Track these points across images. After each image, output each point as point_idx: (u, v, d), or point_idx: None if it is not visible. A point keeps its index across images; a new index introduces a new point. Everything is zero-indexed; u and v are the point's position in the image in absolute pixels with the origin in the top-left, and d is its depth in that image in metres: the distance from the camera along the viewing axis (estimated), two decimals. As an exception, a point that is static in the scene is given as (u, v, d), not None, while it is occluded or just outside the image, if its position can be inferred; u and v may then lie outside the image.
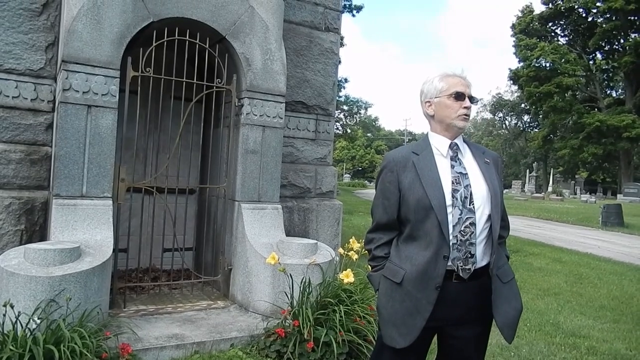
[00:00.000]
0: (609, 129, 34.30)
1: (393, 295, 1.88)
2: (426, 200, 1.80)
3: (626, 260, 8.77)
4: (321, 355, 3.14)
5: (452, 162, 1.89)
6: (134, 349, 2.92)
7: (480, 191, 1.86)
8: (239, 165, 4.25)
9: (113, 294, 3.63)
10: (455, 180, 1.84)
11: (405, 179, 1.87)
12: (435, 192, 1.81)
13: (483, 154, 1.99)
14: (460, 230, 1.80)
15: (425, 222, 1.81)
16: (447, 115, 1.90)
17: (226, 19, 4.12)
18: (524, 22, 41.24)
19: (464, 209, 1.81)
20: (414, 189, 1.84)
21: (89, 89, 3.58)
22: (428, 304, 1.79)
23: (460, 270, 1.81)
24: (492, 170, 1.94)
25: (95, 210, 3.56)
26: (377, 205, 1.98)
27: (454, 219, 1.80)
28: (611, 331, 4.46)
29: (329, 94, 5.61)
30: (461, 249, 1.80)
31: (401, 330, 1.83)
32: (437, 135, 1.95)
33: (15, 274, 2.78)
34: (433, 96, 1.94)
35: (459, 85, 1.90)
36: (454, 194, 1.82)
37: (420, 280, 1.80)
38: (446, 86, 1.90)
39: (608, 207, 16.17)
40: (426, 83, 1.97)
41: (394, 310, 1.86)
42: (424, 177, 1.84)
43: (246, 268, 3.99)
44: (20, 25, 4.02)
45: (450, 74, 1.94)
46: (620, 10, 33.78)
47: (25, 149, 4.03)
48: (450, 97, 1.89)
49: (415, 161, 1.88)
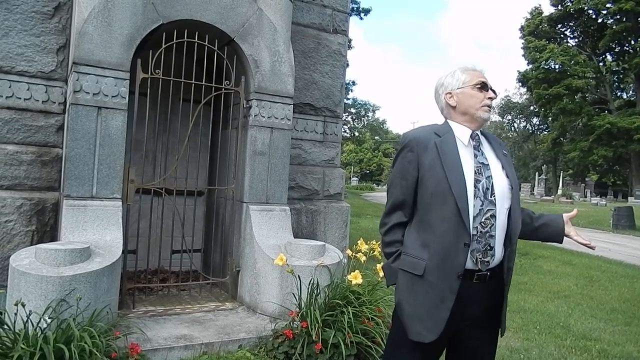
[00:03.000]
0: (620, 131, 33.93)
1: (415, 289, 1.82)
2: (446, 185, 1.76)
3: (638, 263, 8.67)
4: (329, 357, 3.13)
5: (475, 151, 1.86)
6: (142, 349, 2.93)
7: (501, 185, 1.83)
8: (247, 166, 4.27)
9: (122, 295, 3.65)
10: (477, 170, 1.80)
11: (426, 159, 1.82)
12: (456, 178, 1.76)
13: (500, 145, 1.96)
14: (481, 221, 1.76)
15: (443, 208, 1.76)
16: (471, 105, 1.88)
17: (235, 21, 4.15)
18: (533, 24, 40.99)
19: (485, 201, 1.77)
20: (435, 170, 1.79)
21: (99, 90, 3.61)
22: (451, 293, 1.74)
23: (480, 262, 1.77)
24: (510, 162, 1.92)
25: (105, 211, 3.59)
26: (395, 185, 1.92)
27: (475, 210, 1.76)
28: (623, 334, 4.41)
29: (337, 96, 5.62)
30: (481, 241, 1.77)
31: (427, 323, 1.78)
32: (458, 125, 1.92)
33: (27, 273, 2.81)
34: (455, 87, 1.92)
35: (482, 77, 1.92)
36: (476, 184, 1.78)
37: (442, 268, 1.76)
38: (469, 78, 1.91)
39: (619, 209, 16.02)
40: (446, 76, 1.97)
41: (417, 304, 1.80)
42: (445, 161, 1.79)
43: (254, 269, 3.99)
44: (33, 27, 4.07)
45: (471, 67, 1.95)
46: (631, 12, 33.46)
47: (37, 150, 4.08)
48: (474, 87, 1.89)
49: (438, 143, 1.83)
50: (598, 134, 35.30)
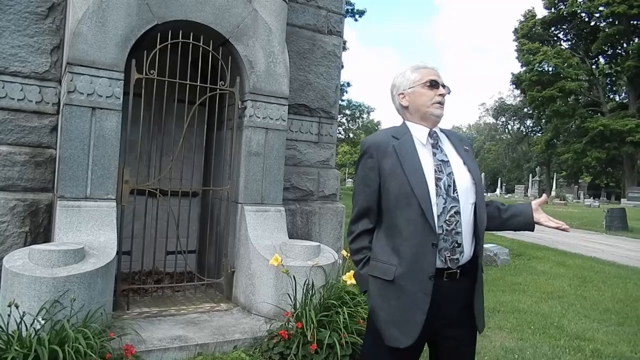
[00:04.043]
0: (613, 133, 34.21)
1: (387, 294, 1.81)
2: (408, 188, 1.76)
3: (630, 263, 8.73)
4: (324, 357, 3.13)
5: (434, 149, 1.86)
6: (137, 351, 2.92)
7: (464, 181, 1.82)
8: (242, 167, 4.26)
9: (116, 296, 3.64)
10: (437, 168, 1.80)
11: (386, 164, 1.82)
12: (417, 180, 1.76)
13: (461, 141, 1.96)
14: (446, 219, 1.76)
15: (407, 211, 1.76)
16: (422, 103, 1.88)
17: (230, 21, 4.15)
18: (527, 27, 41.26)
19: (448, 198, 1.77)
20: (395, 175, 1.79)
21: (93, 91, 3.60)
22: (425, 296, 1.74)
23: (449, 261, 1.76)
24: (471, 157, 1.92)
25: (99, 212, 3.58)
26: (359, 193, 1.92)
27: (438, 209, 1.75)
28: (616, 334, 4.44)
29: (332, 97, 5.63)
30: (447, 239, 1.76)
31: (403, 328, 1.77)
32: (414, 124, 1.91)
33: (20, 274, 2.79)
34: (406, 87, 1.92)
35: (432, 75, 1.90)
36: (438, 182, 1.77)
37: (413, 272, 1.75)
38: (419, 76, 1.90)
39: (612, 211, 16.12)
40: (398, 77, 1.96)
41: (391, 309, 1.80)
42: (405, 163, 1.79)
43: (249, 270, 3.99)
44: (26, 28, 4.05)
45: (422, 65, 1.94)
46: (623, 15, 33.77)
47: (30, 151, 4.05)
48: (424, 85, 1.88)
49: (396, 146, 1.83)
50: (591, 136, 35.58)
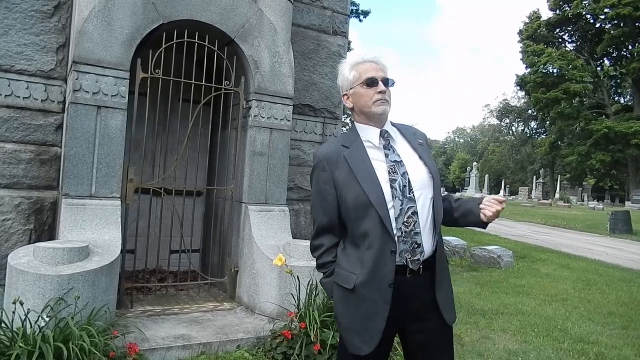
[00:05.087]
0: (617, 135, 34.08)
1: (348, 302, 1.80)
2: (364, 197, 1.71)
3: (635, 267, 8.69)
4: (328, 358, 3.13)
5: (386, 151, 1.80)
6: (141, 349, 2.93)
7: (420, 177, 1.78)
8: (247, 167, 4.27)
9: (121, 295, 3.64)
10: (391, 170, 1.75)
11: (340, 176, 1.77)
12: (372, 187, 1.72)
13: (414, 135, 1.91)
14: (404, 221, 1.72)
15: (365, 220, 1.72)
16: (364, 104, 1.81)
17: (235, 21, 4.15)
18: (532, 29, 41.17)
19: (405, 199, 1.73)
20: (350, 186, 1.75)
21: (99, 90, 3.61)
22: (385, 304, 1.71)
23: (410, 262, 1.73)
24: (427, 151, 1.87)
25: (104, 210, 3.58)
26: (316, 208, 1.87)
27: (395, 211, 1.72)
28: (620, 337, 4.41)
29: (337, 98, 5.62)
30: (407, 241, 1.73)
31: (363, 336, 1.75)
32: (364, 126, 1.85)
33: (25, 272, 2.80)
34: (348, 88, 1.85)
35: (370, 70, 1.80)
36: (392, 184, 1.73)
37: (372, 281, 1.72)
38: (357, 75, 1.81)
39: (616, 214, 16.05)
40: (339, 76, 1.89)
41: (352, 318, 1.78)
42: (358, 173, 1.74)
43: (253, 270, 3.99)
44: (32, 27, 4.06)
45: (360, 60, 1.83)
46: (629, 17, 33.66)
47: (36, 149, 4.07)
48: (363, 85, 1.80)
49: (347, 156, 1.78)
50: (596, 139, 35.45)
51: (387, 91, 1.81)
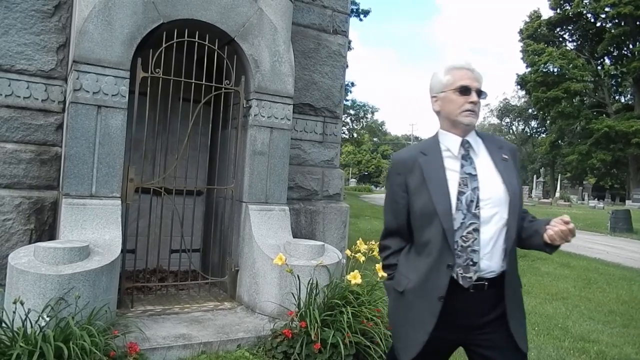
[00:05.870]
0: (618, 134, 34.05)
1: (397, 305, 1.81)
2: (431, 206, 1.70)
3: (635, 265, 8.69)
4: (328, 357, 3.13)
5: (463, 161, 1.76)
6: (141, 348, 2.93)
7: (494, 194, 1.71)
8: (247, 166, 4.26)
9: (121, 294, 3.64)
10: (462, 181, 1.71)
11: (412, 182, 1.77)
12: (441, 197, 1.70)
13: (500, 148, 1.82)
14: (462, 235, 1.68)
15: (429, 229, 1.71)
16: (451, 111, 1.77)
17: (235, 20, 4.15)
18: (532, 28, 41.13)
19: (468, 214, 1.68)
20: (420, 193, 1.74)
21: (99, 89, 3.61)
22: (431, 316, 1.68)
23: (460, 278, 1.69)
24: (510, 167, 1.78)
25: (104, 209, 3.58)
26: (387, 210, 1.89)
27: (456, 224, 1.68)
28: (620, 336, 4.42)
29: (337, 97, 5.62)
30: (461, 256, 1.68)
31: (404, 343, 1.76)
32: (446, 133, 1.81)
33: (25, 272, 2.80)
34: (439, 91, 1.81)
35: (465, 78, 1.75)
36: (460, 196, 1.70)
37: (422, 289, 1.71)
38: (452, 80, 1.77)
39: (616, 212, 16.06)
40: (432, 77, 1.85)
41: (399, 321, 1.81)
42: (430, 181, 1.73)
43: (253, 269, 3.99)
44: (32, 26, 4.06)
45: (457, 66, 1.78)
46: (629, 16, 33.62)
47: (36, 149, 4.07)
48: (455, 91, 1.75)
49: (422, 162, 1.77)
50: (596, 138, 35.43)
51: (478, 102, 1.77)
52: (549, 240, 1.67)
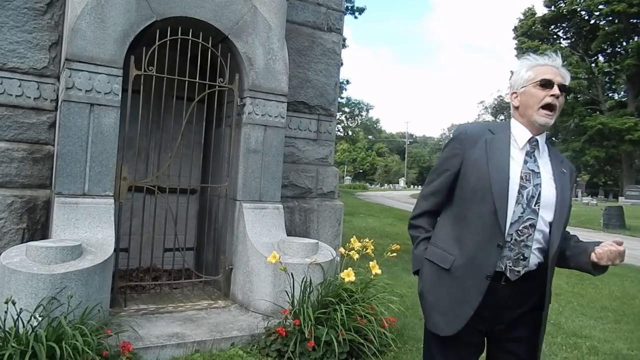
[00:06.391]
0: (611, 131, 34.23)
1: (440, 282, 1.79)
2: (487, 182, 1.70)
3: (628, 262, 8.74)
4: (322, 354, 3.14)
5: (527, 157, 1.76)
6: (134, 347, 2.92)
7: (549, 195, 1.73)
8: (241, 164, 4.26)
9: (114, 293, 3.63)
10: (525, 176, 1.72)
11: (473, 154, 1.77)
12: (499, 177, 1.70)
13: (561, 162, 1.84)
14: (518, 229, 1.69)
15: (480, 205, 1.71)
16: (529, 105, 1.76)
17: (229, 18, 4.13)
18: (526, 25, 41.22)
19: (527, 209, 1.69)
20: (479, 167, 1.74)
21: (92, 87, 3.59)
22: (477, 293, 1.69)
23: (509, 270, 1.70)
24: (566, 180, 1.80)
25: (97, 208, 3.57)
26: (435, 173, 1.89)
27: (514, 216, 1.69)
28: (612, 331, 4.46)
29: (331, 95, 5.62)
30: (514, 249, 1.69)
31: (448, 317, 1.75)
32: (519, 125, 1.81)
33: (17, 271, 2.79)
34: (520, 86, 1.80)
35: (549, 73, 1.75)
36: (521, 190, 1.70)
37: (471, 266, 1.71)
38: (533, 75, 1.76)
39: (610, 209, 16.16)
40: (514, 75, 1.85)
41: (440, 297, 1.78)
42: (491, 158, 1.73)
43: (247, 267, 3.99)
44: (25, 24, 4.03)
45: (542, 63, 1.78)
46: (623, 13, 33.73)
47: (28, 147, 4.04)
48: (536, 85, 1.75)
49: (489, 139, 1.77)
50: (590, 135, 35.58)
51: (560, 98, 1.74)
52: (597, 258, 1.66)
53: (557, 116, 1.79)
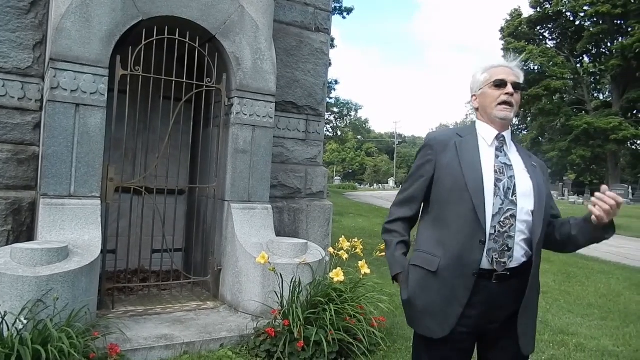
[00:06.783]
0: (597, 131, 34.66)
1: (428, 285, 1.80)
2: (462, 182, 1.75)
3: (614, 259, 8.88)
4: (311, 355, 3.13)
5: (497, 152, 1.83)
6: (122, 350, 2.90)
7: (524, 185, 1.78)
8: (229, 165, 4.24)
9: (101, 295, 3.60)
10: (499, 169, 1.78)
11: (444, 158, 1.83)
12: (472, 175, 1.76)
13: (530, 157, 1.92)
14: (500, 221, 1.73)
15: (459, 205, 1.76)
16: (487, 104, 1.86)
17: (216, 18, 4.11)
18: (513, 26, 41.58)
19: (506, 200, 1.74)
20: (452, 168, 1.80)
21: (77, 87, 3.55)
22: (465, 290, 1.73)
23: (495, 262, 1.73)
24: (538, 172, 1.87)
25: (84, 210, 3.53)
26: (409, 180, 1.95)
27: (494, 209, 1.73)
28: (599, 328, 4.51)
29: (319, 95, 5.62)
30: (498, 241, 1.73)
31: (439, 318, 1.77)
32: (484, 124, 1.90)
33: (2, 273, 2.74)
34: (477, 88, 1.91)
35: (502, 73, 1.84)
36: (497, 183, 1.75)
37: (457, 265, 1.74)
38: (488, 76, 1.87)
39: (596, 208, 16.32)
40: (471, 79, 1.95)
41: (430, 300, 1.79)
42: (463, 159, 1.80)
43: (236, 268, 3.97)
44: (8, 23, 3.97)
45: (496, 64, 1.88)
46: (608, 15, 34.20)
47: (13, 148, 3.99)
48: (491, 85, 1.85)
49: (458, 143, 1.85)
50: (576, 134, 35.99)
51: (515, 95, 1.83)
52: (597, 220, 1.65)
53: (517, 110, 1.88)
